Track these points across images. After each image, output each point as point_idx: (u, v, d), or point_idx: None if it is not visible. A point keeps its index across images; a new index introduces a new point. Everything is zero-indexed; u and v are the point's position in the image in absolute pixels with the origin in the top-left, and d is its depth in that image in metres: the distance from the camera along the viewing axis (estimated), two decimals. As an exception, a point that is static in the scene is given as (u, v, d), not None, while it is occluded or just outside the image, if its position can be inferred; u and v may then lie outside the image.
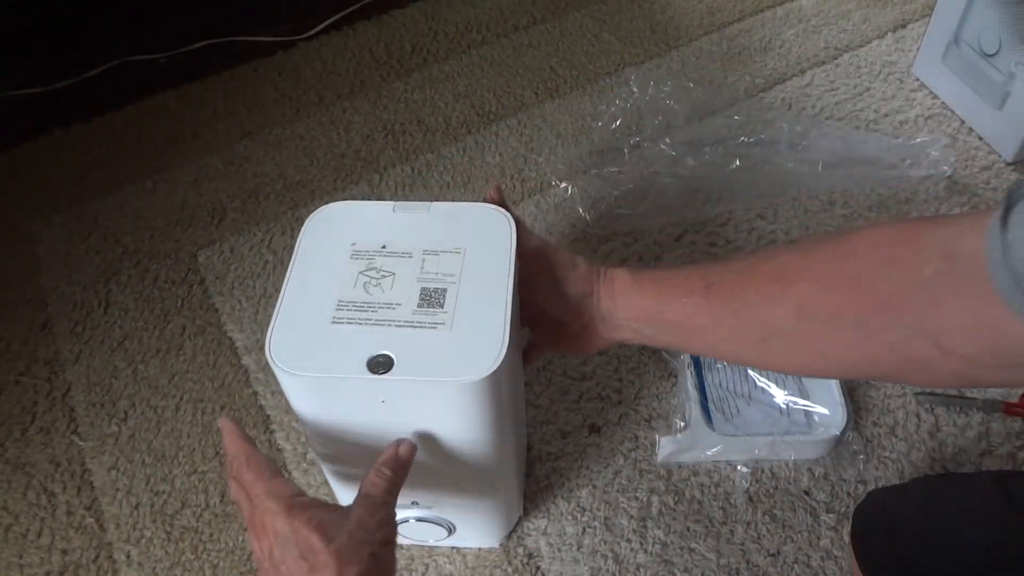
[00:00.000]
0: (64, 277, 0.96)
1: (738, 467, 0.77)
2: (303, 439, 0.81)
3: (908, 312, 0.44)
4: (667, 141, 1.02)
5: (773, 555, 0.72)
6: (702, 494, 0.76)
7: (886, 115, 1.08)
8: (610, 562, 0.72)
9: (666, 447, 0.76)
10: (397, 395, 0.50)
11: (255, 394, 0.84)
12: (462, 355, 0.49)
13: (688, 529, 0.74)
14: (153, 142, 1.11)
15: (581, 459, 0.78)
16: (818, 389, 0.79)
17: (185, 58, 1.24)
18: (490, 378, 0.49)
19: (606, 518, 0.74)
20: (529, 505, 0.75)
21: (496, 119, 1.11)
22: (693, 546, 0.73)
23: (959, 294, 0.41)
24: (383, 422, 0.52)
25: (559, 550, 0.73)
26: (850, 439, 0.77)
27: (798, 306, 0.49)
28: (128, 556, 0.74)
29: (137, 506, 0.77)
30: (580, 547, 0.73)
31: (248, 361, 0.87)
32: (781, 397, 0.78)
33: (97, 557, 0.75)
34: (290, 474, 0.79)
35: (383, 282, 0.53)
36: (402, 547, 0.72)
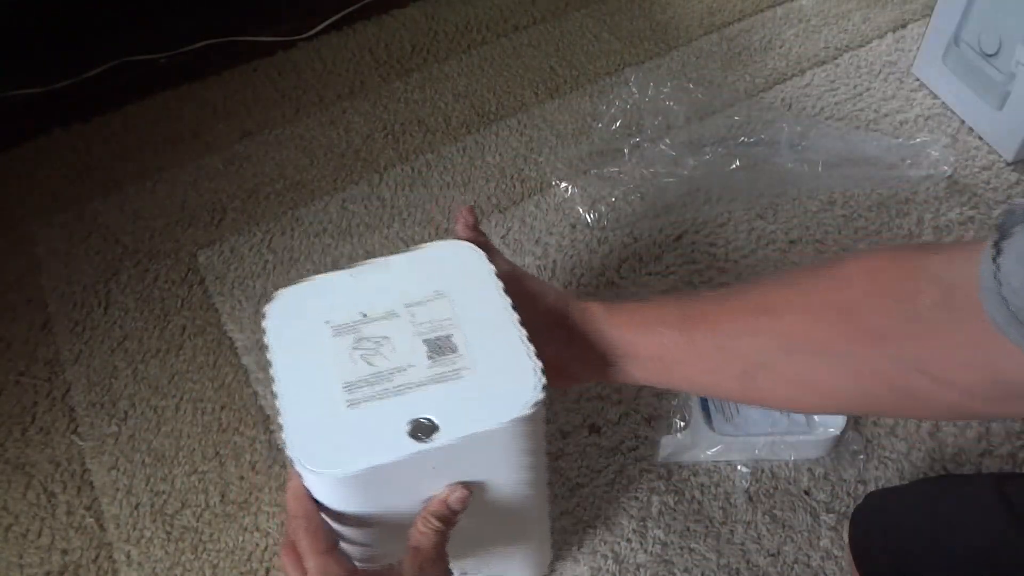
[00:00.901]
0: (64, 277, 0.96)
1: (738, 467, 0.77)
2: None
3: (903, 344, 0.43)
4: (667, 141, 1.02)
5: (773, 555, 0.72)
6: (702, 494, 0.76)
7: (886, 115, 1.08)
8: (610, 562, 0.72)
9: (666, 447, 0.76)
10: (448, 456, 0.46)
11: (255, 394, 0.84)
12: (500, 393, 0.46)
13: (688, 529, 0.74)
14: (153, 142, 1.11)
15: (581, 459, 0.78)
16: (818, 389, 0.79)
17: (185, 58, 1.24)
18: (538, 406, 0.46)
19: (606, 518, 0.74)
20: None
21: (496, 119, 1.11)
22: (693, 546, 0.73)
23: (954, 326, 0.41)
24: (429, 490, 0.48)
25: (559, 550, 0.73)
26: (850, 439, 0.77)
27: (786, 338, 0.47)
28: (128, 556, 0.74)
29: (137, 506, 0.77)
30: (580, 547, 0.73)
31: (248, 361, 0.87)
32: (781, 397, 0.78)
33: (97, 557, 0.75)
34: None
35: (382, 349, 0.49)
36: None
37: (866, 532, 0.62)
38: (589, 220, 0.97)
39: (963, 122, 1.06)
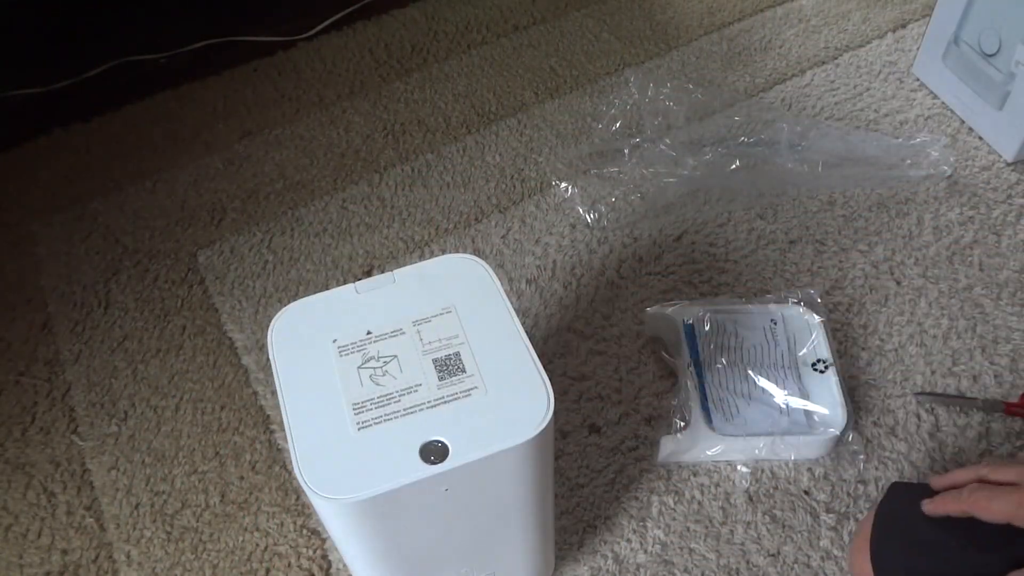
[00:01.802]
0: (64, 277, 0.96)
1: (738, 467, 0.77)
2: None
3: None
4: (667, 141, 1.02)
5: (773, 555, 0.72)
6: (702, 494, 0.76)
7: (886, 115, 1.08)
8: (610, 562, 0.72)
9: (666, 447, 0.76)
10: (460, 478, 0.46)
11: (255, 394, 0.84)
12: (511, 412, 0.46)
13: (688, 529, 0.74)
14: (153, 142, 1.11)
15: (581, 459, 0.78)
16: (818, 389, 0.79)
17: (185, 58, 1.24)
18: (550, 425, 0.46)
19: (606, 518, 0.74)
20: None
21: (496, 119, 1.11)
22: (693, 546, 0.73)
23: None
24: (442, 512, 0.48)
25: (559, 550, 0.72)
26: (850, 439, 0.77)
27: None
28: (128, 556, 0.74)
29: (137, 506, 0.77)
30: (580, 547, 0.73)
31: (248, 361, 0.87)
32: (781, 397, 0.78)
33: (97, 557, 0.75)
34: (291, 475, 0.79)
35: (389, 368, 0.48)
36: None
37: (888, 525, 0.61)
38: (589, 220, 0.97)
39: (963, 122, 1.06)
